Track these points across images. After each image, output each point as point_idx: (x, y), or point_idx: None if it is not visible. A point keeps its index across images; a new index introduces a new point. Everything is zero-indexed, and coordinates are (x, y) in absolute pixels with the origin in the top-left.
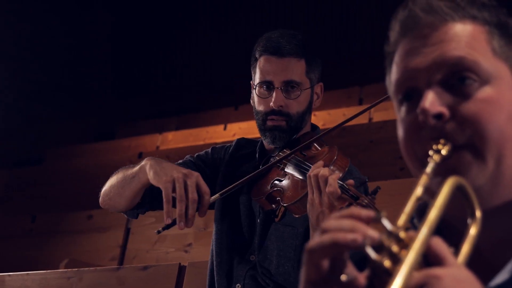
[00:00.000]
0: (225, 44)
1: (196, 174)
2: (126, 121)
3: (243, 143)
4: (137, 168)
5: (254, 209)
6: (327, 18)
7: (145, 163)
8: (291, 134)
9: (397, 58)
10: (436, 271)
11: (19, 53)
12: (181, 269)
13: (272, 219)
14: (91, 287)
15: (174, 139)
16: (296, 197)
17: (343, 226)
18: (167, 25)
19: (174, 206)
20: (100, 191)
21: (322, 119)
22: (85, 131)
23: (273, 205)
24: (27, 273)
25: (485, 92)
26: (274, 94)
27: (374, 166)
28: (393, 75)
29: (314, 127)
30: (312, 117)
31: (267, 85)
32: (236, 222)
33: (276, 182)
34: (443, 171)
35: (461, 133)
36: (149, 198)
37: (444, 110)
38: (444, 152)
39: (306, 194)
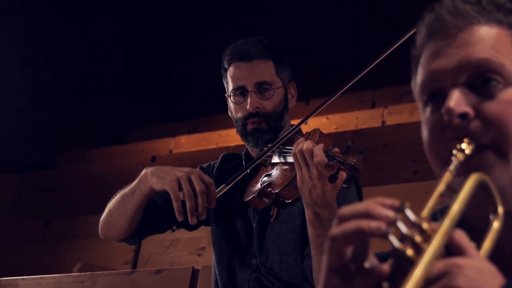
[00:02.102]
0: None
1: (197, 169)
2: (138, 125)
3: (229, 157)
4: (135, 181)
5: (249, 214)
6: (339, 22)
7: (144, 173)
8: (272, 134)
9: (423, 61)
10: (459, 260)
11: (31, 58)
12: (195, 273)
13: (268, 220)
14: None
15: (187, 142)
16: (285, 181)
17: (359, 211)
18: (180, 30)
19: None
20: (99, 221)
21: (335, 122)
22: (97, 135)
23: (266, 200)
24: (41, 277)
25: (509, 93)
26: (249, 98)
27: (387, 169)
28: (418, 77)
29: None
30: (325, 121)
31: (241, 90)
32: (231, 230)
33: (265, 178)
34: (466, 170)
35: (485, 133)
36: (147, 218)
37: (468, 110)
38: (468, 151)
39: (295, 176)
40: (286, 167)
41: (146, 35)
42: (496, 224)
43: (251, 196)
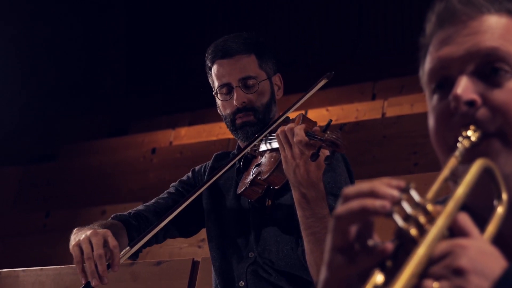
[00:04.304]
0: None
1: (103, 231)
2: (139, 118)
3: (221, 155)
4: None
5: (244, 207)
6: (340, 14)
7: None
8: (261, 126)
9: (431, 48)
10: (462, 241)
11: (33, 53)
12: (195, 264)
13: (263, 211)
14: None
15: (187, 134)
16: (272, 167)
17: (364, 190)
18: (180, 24)
19: None
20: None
21: (336, 114)
22: (99, 128)
23: (259, 190)
24: (41, 269)
25: None
26: (234, 94)
27: (387, 161)
28: (427, 65)
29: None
30: (325, 113)
31: (226, 87)
32: (227, 225)
33: (256, 168)
34: (471, 157)
35: (491, 122)
36: (137, 234)
37: (476, 97)
38: (473, 138)
39: (281, 160)
40: (273, 153)
41: (148, 31)
42: (500, 210)
43: (243, 188)
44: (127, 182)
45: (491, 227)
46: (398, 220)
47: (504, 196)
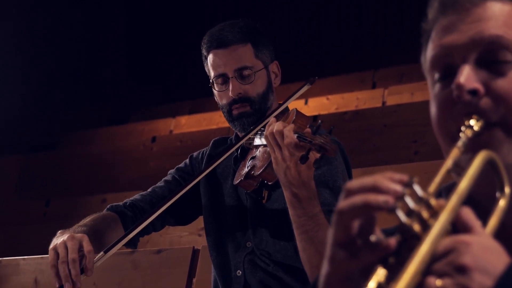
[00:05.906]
0: None
1: (80, 236)
2: (139, 106)
3: (219, 141)
4: None
5: (242, 197)
6: (340, 14)
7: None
8: (258, 116)
9: (434, 35)
10: (465, 237)
11: (34, 41)
12: (195, 253)
13: (260, 202)
14: (105, 271)
15: (188, 123)
16: (265, 164)
17: (366, 185)
18: (180, 13)
19: None
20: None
21: (336, 103)
22: (99, 117)
23: (254, 183)
24: (41, 257)
25: None
26: (230, 85)
27: (388, 150)
28: (429, 51)
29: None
30: (325, 101)
31: (222, 77)
32: (225, 214)
33: (251, 161)
34: (474, 147)
35: (494, 111)
36: (132, 221)
37: (479, 86)
38: (476, 128)
39: None
40: (266, 148)
41: (148, 18)
42: (502, 203)
43: (239, 180)
44: (127, 171)
45: (493, 221)
46: (401, 215)
47: (507, 189)
